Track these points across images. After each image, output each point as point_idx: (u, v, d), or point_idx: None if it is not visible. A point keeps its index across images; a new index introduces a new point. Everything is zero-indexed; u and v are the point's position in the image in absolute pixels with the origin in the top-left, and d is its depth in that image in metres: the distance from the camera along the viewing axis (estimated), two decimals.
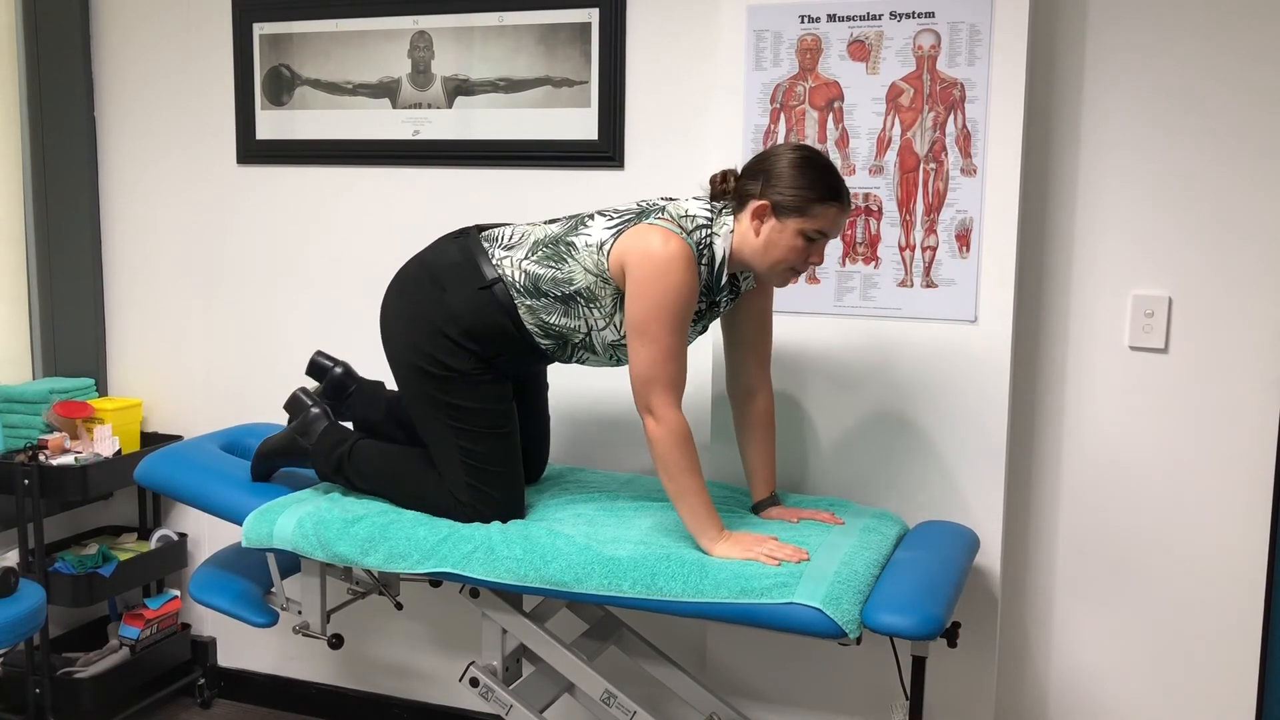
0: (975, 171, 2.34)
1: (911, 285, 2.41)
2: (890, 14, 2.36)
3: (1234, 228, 2.34)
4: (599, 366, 2.23)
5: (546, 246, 2.13)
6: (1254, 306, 2.35)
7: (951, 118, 2.34)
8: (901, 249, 2.41)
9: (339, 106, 2.93)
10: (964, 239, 2.36)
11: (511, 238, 2.18)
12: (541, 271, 2.11)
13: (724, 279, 2.12)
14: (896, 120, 2.38)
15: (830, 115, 2.43)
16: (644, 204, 2.14)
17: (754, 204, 2.06)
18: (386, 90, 2.89)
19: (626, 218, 2.10)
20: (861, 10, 2.37)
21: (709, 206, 2.12)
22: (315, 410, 2.35)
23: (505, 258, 2.14)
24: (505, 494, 2.19)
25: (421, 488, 2.22)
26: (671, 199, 2.15)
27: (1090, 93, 2.40)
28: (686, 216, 2.08)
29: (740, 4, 2.45)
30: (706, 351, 2.66)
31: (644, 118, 2.68)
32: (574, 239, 2.11)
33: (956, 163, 2.35)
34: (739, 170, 2.14)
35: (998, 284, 2.35)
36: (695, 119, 2.64)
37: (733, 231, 2.10)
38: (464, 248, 2.18)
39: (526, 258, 2.13)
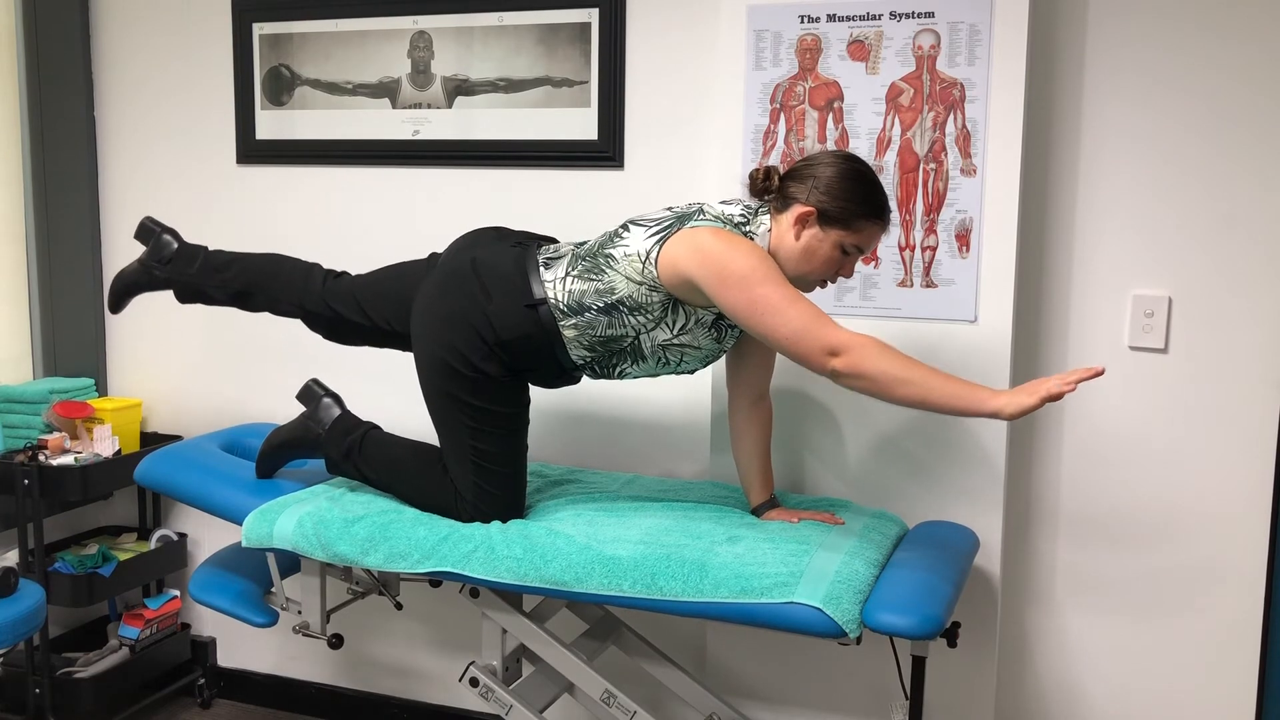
0: (975, 171, 2.34)
1: (911, 285, 2.41)
2: (890, 14, 2.36)
3: (1234, 227, 2.34)
4: (640, 377, 2.21)
5: (584, 260, 2.11)
6: (1254, 306, 2.35)
7: (951, 118, 2.34)
8: (901, 249, 2.41)
9: (339, 106, 2.94)
10: (964, 239, 2.36)
11: (555, 253, 2.17)
12: (583, 286, 2.09)
13: None
14: (896, 120, 2.38)
15: (830, 115, 2.43)
16: (679, 209, 2.12)
17: (799, 208, 2.04)
18: (386, 90, 2.89)
19: (667, 224, 2.08)
20: (861, 10, 2.37)
21: (744, 206, 2.11)
22: (327, 399, 2.36)
23: (550, 278, 2.13)
24: (509, 495, 2.19)
25: (425, 483, 2.22)
26: (701, 203, 2.13)
27: (1090, 92, 2.40)
28: (724, 218, 2.08)
29: (740, 4, 2.45)
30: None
31: (644, 118, 2.68)
32: (611, 250, 2.09)
33: (956, 163, 2.35)
34: (782, 170, 2.12)
35: (998, 284, 2.35)
36: (695, 119, 2.64)
37: (769, 231, 2.09)
38: (519, 259, 2.16)
39: (567, 274, 2.11)
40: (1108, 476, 2.48)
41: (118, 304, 2.49)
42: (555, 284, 2.12)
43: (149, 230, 2.46)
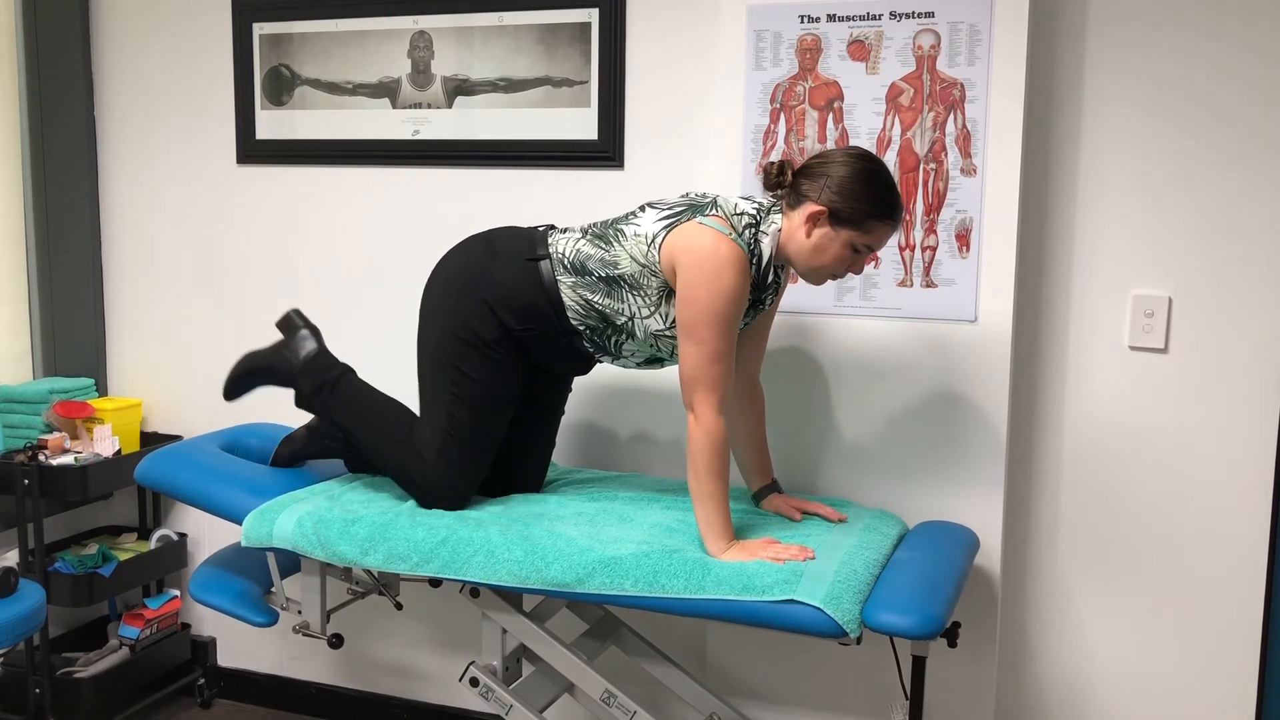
0: (975, 171, 2.34)
1: (911, 285, 2.41)
2: (890, 14, 2.36)
3: (1234, 227, 2.34)
4: (638, 363, 2.23)
5: (596, 229, 2.17)
6: (1254, 306, 2.35)
7: (951, 118, 2.34)
8: (901, 249, 2.41)
9: (339, 106, 2.93)
10: (964, 239, 2.36)
11: (567, 228, 2.23)
12: (590, 250, 2.14)
13: (770, 277, 2.13)
14: (896, 120, 2.38)
15: (830, 115, 2.43)
16: (695, 198, 2.14)
17: (811, 207, 2.05)
18: (386, 90, 2.89)
19: (678, 211, 2.11)
20: (861, 10, 2.37)
21: (756, 204, 2.12)
22: (305, 331, 2.37)
23: (559, 238, 2.19)
24: (468, 472, 2.22)
25: (391, 438, 2.25)
26: (717, 194, 2.14)
27: (1090, 92, 2.40)
28: (737, 214, 2.08)
29: (740, 4, 2.45)
30: None
31: (644, 118, 2.68)
32: (623, 226, 2.14)
33: (956, 163, 2.35)
34: (796, 166, 2.12)
35: (998, 284, 2.35)
36: (695, 119, 2.64)
37: (779, 230, 2.10)
38: (528, 233, 2.24)
39: (580, 237, 2.17)
40: (1108, 476, 2.48)
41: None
42: (562, 242, 2.17)
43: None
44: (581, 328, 2.17)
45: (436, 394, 2.20)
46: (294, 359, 2.34)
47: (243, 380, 2.37)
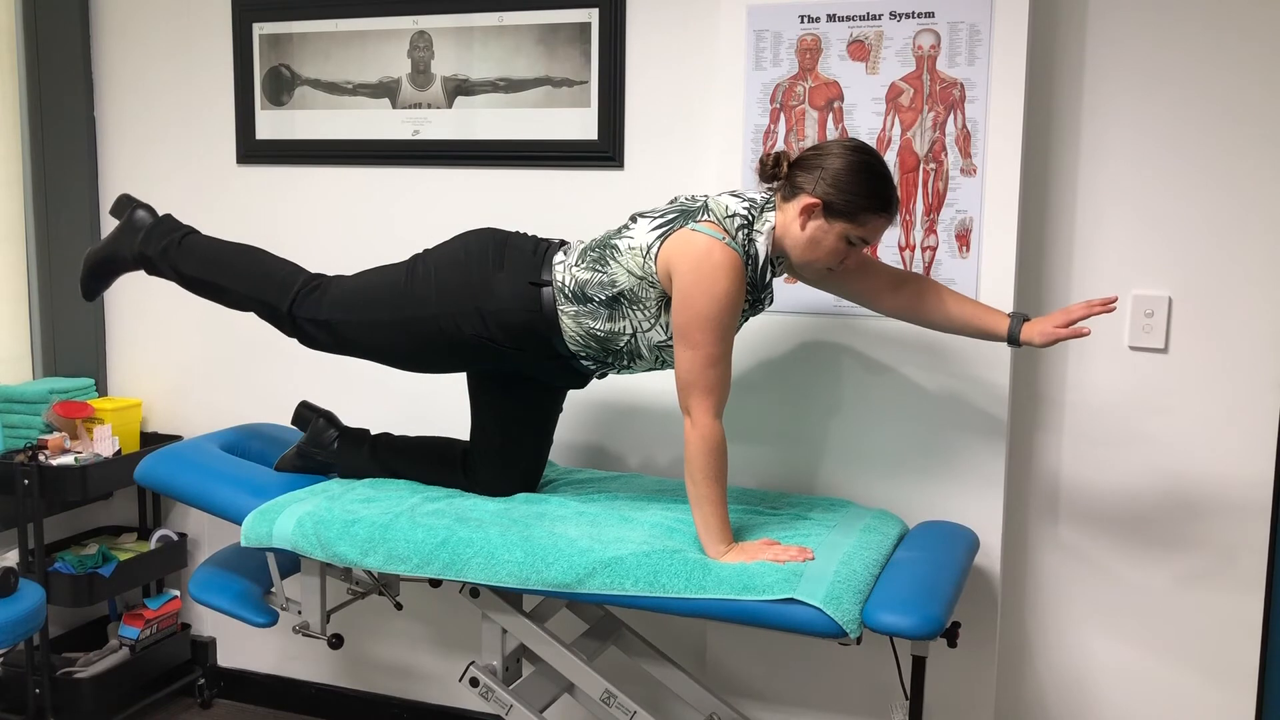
0: (975, 171, 2.34)
1: None
2: (890, 14, 2.36)
3: (1234, 227, 2.34)
4: (643, 372, 2.22)
5: (592, 252, 2.14)
6: (1254, 306, 2.35)
7: (951, 118, 2.34)
8: (901, 249, 2.41)
9: (339, 106, 2.94)
10: (964, 239, 2.36)
11: (569, 248, 2.21)
12: (587, 276, 2.11)
13: (768, 276, 2.12)
14: (896, 120, 2.38)
15: (830, 115, 2.43)
16: (685, 202, 2.12)
17: (805, 199, 2.04)
18: (386, 90, 2.89)
19: (670, 218, 2.09)
20: (861, 10, 2.37)
21: (747, 203, 2.10)
22: (141, 211, 2.39)
23: (560, 263, 2.16)
24: (332, 346, 2.26)
25: (257, 275, 2.28)
26: (706, 195, 2.13)
27: (1090, 93, 2.40)
28: (729, 216, 2.07)
29: (740, 4, 2.45)
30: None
31: (644, 118, 2.68)
32: (617, 242, 2.12)
33: (956, 163, 2.35)
34: (792, 157, 2.11)
35: (998, 284, 2.35)
36: (695, 119, 2.64)
37: (773, 228, 2.09)
38: (538, 245, 2.22)
39: (576, 263, 2.14)
40: (1108, 476, 2.48)
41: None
42: (563, 268, 2.15)
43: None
44: (582, 352, 2.17)
45: (387, 304, 2.20)
46: (135, 236, 2.36)
47: (95, 278, 2.39)
